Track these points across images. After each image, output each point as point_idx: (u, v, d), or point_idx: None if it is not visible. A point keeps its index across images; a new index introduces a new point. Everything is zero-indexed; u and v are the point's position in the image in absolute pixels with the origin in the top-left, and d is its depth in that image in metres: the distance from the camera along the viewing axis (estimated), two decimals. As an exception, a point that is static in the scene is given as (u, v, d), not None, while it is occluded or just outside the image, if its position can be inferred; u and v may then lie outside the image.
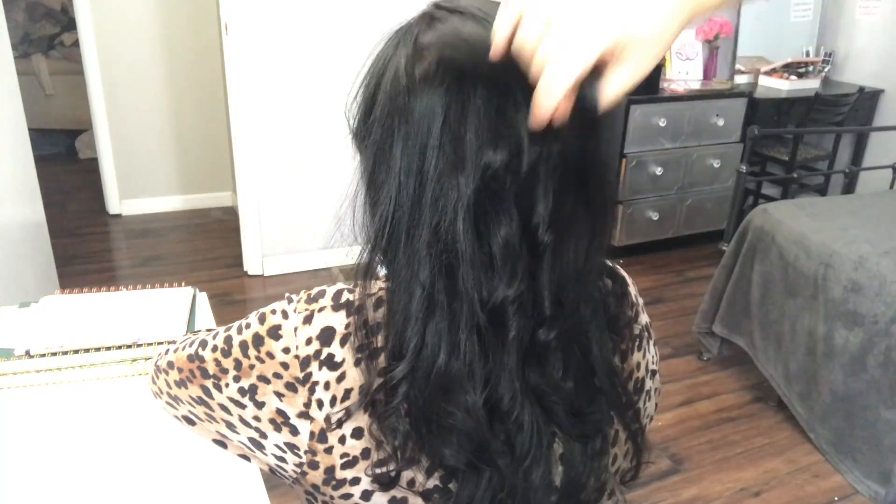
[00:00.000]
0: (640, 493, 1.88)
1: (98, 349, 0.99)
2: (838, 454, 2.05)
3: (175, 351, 0.67)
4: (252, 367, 0.57)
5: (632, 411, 0.61)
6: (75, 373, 0.96)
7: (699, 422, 2.23)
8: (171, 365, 0.66)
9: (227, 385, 0.59)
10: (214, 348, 0.60)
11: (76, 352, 0.99)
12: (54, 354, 0.98)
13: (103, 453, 0.81)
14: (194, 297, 1.16)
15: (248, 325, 0.58)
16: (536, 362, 0.54)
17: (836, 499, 1.95)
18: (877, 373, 1.94)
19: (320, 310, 0.56)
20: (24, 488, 0.75)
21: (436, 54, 0.52)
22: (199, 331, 0.77)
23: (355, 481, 0.56)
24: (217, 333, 0.62)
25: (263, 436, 0.58)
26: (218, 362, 0.59)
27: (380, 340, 0.54)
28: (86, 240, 3.55)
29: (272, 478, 0.70)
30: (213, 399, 0.61)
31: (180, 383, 0.65)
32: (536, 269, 0.52)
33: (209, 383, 0.60)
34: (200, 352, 0.62)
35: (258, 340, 0.57)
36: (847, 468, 2.01)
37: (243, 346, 0.57)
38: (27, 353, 0.98)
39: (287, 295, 0.58)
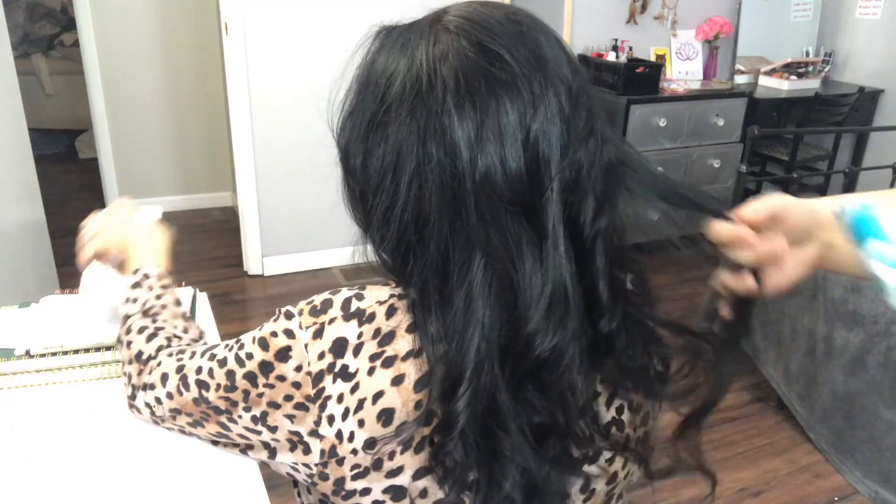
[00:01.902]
0: (641, 493, 1.88)
1: (98, 349, 0.99)
2: (838, 454, 2.05)
3: (169, 397, 0.65)
4: (261, 395, 0.56)
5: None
6: (75, 373, 0.96)
7: (699, 422, 2.23)
8: (176, 412, 0.65)
9: (240, 416, 0.58)
10: (217, 387, 0.59)
11: (76, 352, 0.99)
12: (54, 354, 0.98)
13: (103, 453, 0.80)
14: (195, 297, 1.16)
15: (249, 356, 0.56)
16: (605, 351, 0.53)
17: (836, 499, 1.95)
18: (877, 373, 1.94)
19: (331, 321, 0.54)
20: (24, 488, 0.75)
21: (452, 72, 0.49)
22: (169, 351, 0.73)
23: (366, 492, 0.55)
24: (212, 370, 0.60)
25: (275, 454, 0.58)
26: (226, 398, 0.59)
27: (393, 349, 0.53)
28: (86, 240, 3.54)
29: (272, 478, 0.70)
30: (231, 431, 0.61)
31: (195, 424, 0.64)
32: (587, 261, 0.51)
33: (224, 419, 0.60)
34: (204, 394, 0.61)
35: (266, 367, 0.55)
36: (847, 468, 2.01)
37: (250, 377, 0.56)
38: (27, 353, 0.98)
39: (283, 310, 0.56)
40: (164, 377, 0.66)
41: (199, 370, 0.62)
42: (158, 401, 0.67)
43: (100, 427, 0.85)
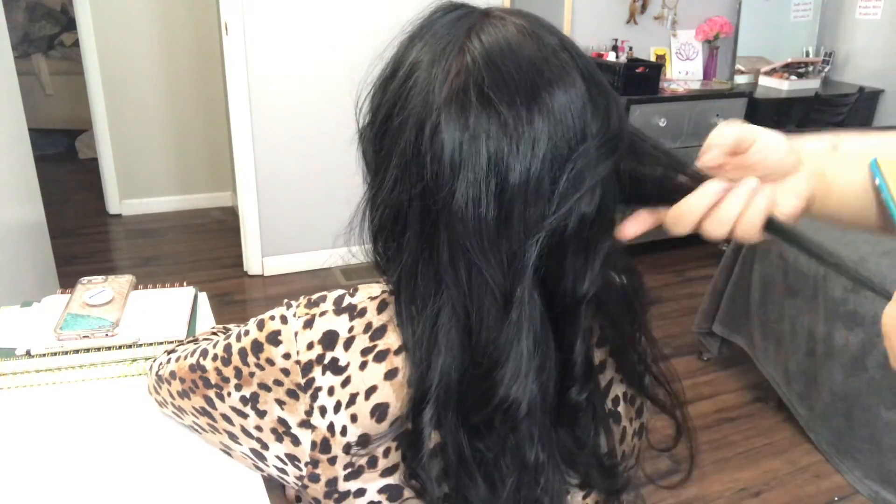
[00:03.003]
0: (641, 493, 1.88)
1: (98, 349, 0.99)
2: (838, 454, 2.05)
3: (177, 360, 0.66)
4: (252, 374, 0.56)
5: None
6: (75, 373, 0.96)
7: (699, 422, 2.23)
8: (173, 375, 0.66)
9: (229, 394, 0.58)
10: (215, 357, 0.60)
11: (76, 352, 0.99)
12: (54, 354, 0.98)
13: (103, 453, 0.80)
14: (196, 297, 1.16)
15: (246, 332, 0.58)
16: (567, 423, 0.53)
17: (836, 499, 1.95)
18: (877, 373, 1.93)
19: (322, 314, 0.55)
20: (24, 488, 0.75)
21: (449, 97, 0.47)
22: (199, 336, 0.77)
23: (360, 493, 0.54)
24: (217, 342, 0.61)
25: (265, 447, 0.57)
26: (219, 371, 0.59)
27: (385, 343, 0.53)
28: (86, 240, 3.55)
29: (273, 479, 0.70)
30: (216, 409, 0.60)
31: (183, 394, 0.65)
32: (566, 325, 0.50)
33: (212, 393, 0.60)
34: (202, 361, 0.61)
35: (257, 347, 0.56)
36: (847, 468, 2.01)
37: (242, 353, 0.57)
38: (28, 352, 0.98)
39: (286, 301, 0.58)
40: (185, 348, 0.69)
41: (208, 342, 0.64)
42: (168, 360, 0.69)
43: (100, 427, 0.85)
